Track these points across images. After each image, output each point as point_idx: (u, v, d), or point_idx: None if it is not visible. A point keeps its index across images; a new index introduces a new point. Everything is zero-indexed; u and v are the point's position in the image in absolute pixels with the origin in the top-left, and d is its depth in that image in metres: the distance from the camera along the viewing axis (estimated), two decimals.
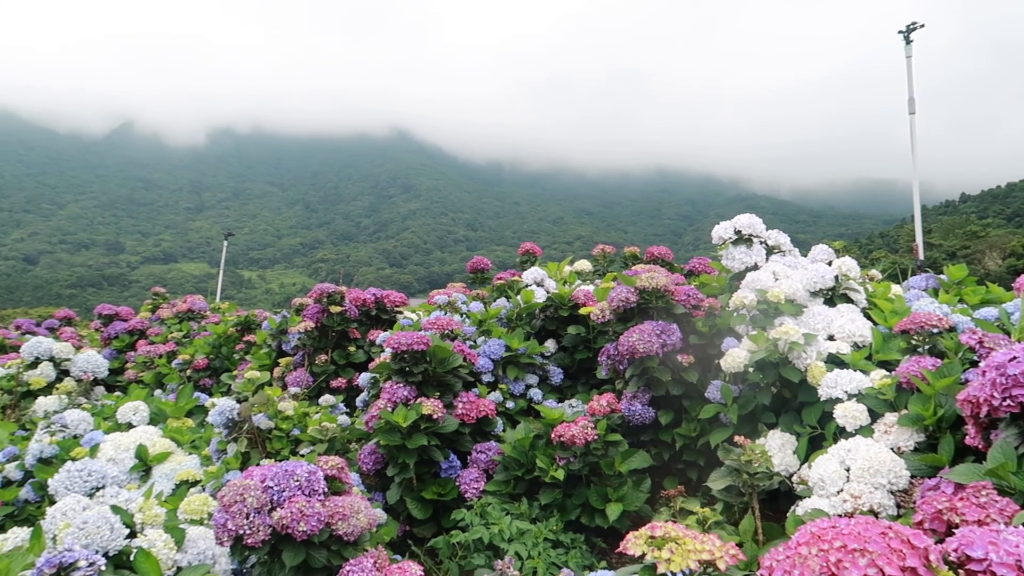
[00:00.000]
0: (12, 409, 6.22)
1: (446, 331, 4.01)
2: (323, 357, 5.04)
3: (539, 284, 4.80)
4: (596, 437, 3.32)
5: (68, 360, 6.78)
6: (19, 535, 3.06)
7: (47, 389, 6.50)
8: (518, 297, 4.57)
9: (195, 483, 4.01)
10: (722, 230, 4.08)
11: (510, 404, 4.06)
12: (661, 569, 1.33)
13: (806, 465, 2.84)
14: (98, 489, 3.52)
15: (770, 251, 4.10)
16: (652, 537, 1.41)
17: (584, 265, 5.25)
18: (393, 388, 3.66)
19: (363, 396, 4.42)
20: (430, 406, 3.49)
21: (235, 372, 6.11)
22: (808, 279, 3.70)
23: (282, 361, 5.08)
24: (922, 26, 16.59)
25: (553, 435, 3.38)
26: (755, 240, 4.02)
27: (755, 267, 3.95)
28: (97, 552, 2.41)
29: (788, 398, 3.25)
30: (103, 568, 1.94)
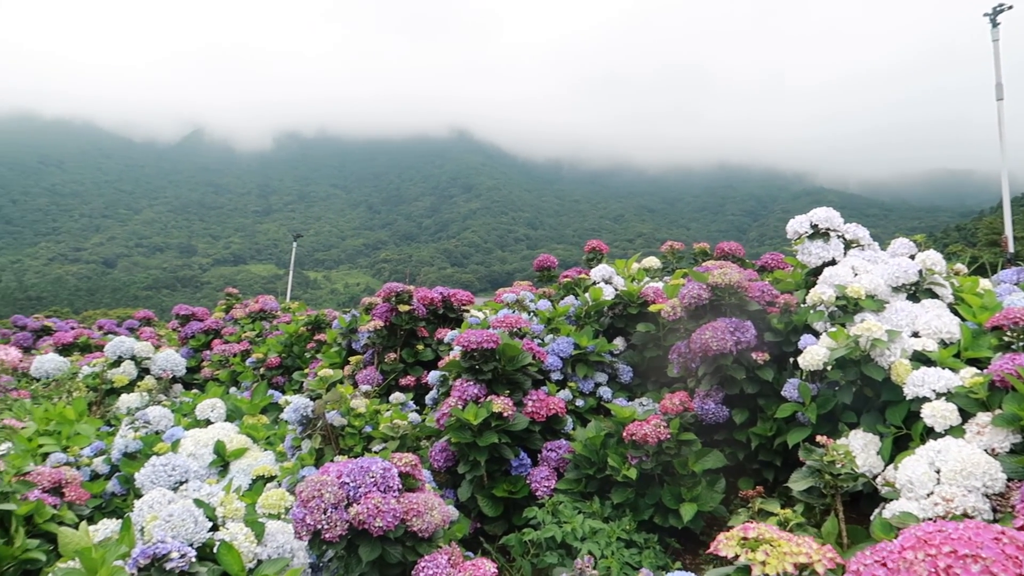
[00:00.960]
0: (97, 406, 6.48)
1: (515, 329, 4.01)
2: (392, 355, 5.10)
3: (607, 281, 4.76)
4: (669, 436, 3.27)
5: (148, 359, 7.03)
6: (108, 526, 3.18)
7: (129, 387, 6.76)
8: (586, 295, 4.54)
9: (271, 478, 4.10)
10: (798, 224, 3.97)
11: (579, 402, 4.03)
12: (756, 572, 1.29)
13: (891, 466, 2.74)
14: (181, 483, 3.64)
15: (848, 245, 3.97)
16: (745, 538, 1.38)
17: (652, 262, 5.18)
18: (463, 386, 3.68)
19: (432, 394, 4.45)
20: (500, 404, 3.49)
21: (306, 370, 6.25)
22: (890, 274, 3.57)
23: (352, 359, 5.17)
24: (1010, 7, 15.74)
25: (625, 434, 3.34)
26: (832, 234, 3.90)
27: (833, 262, 3.83)
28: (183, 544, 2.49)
29: (870, 397, 3.14)
30: (193, 559, 2.00)
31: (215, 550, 2.64)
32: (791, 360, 3.75)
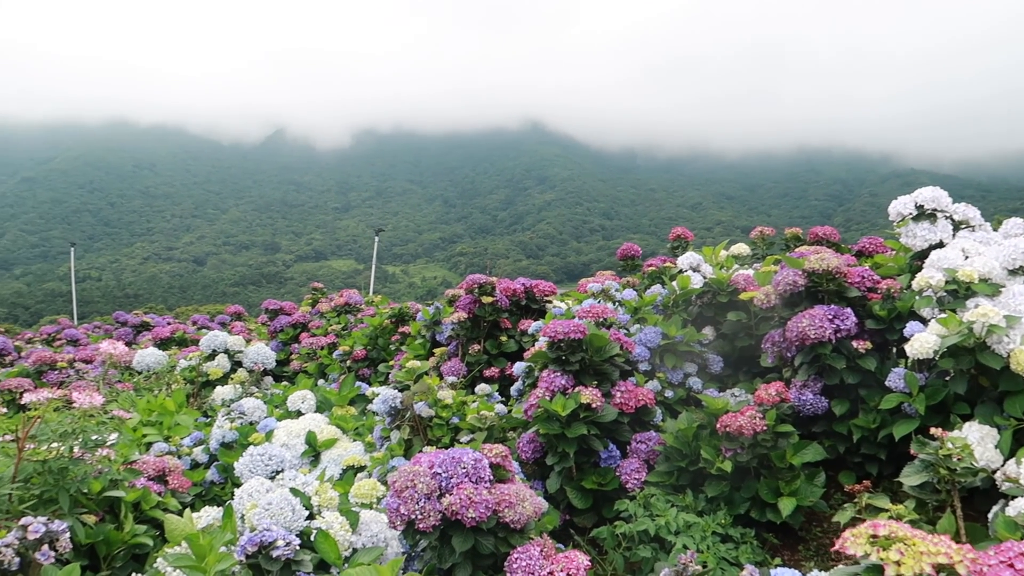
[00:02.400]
0: (194, 397, 6.73)
1: (601, 319, 3.95)
2: (476, 347, 5.11)
3: (695, 269, 4.64)
4: (765, 428, 3.16)
5: (240, 352, 7.27)
6: (210, 514, 3.28)
7: (223, 379, 7.00)
8: (673, 283, 4.44)
9: (360, 468, 4.17)
10: (901, 205, 3.77)
11: (669, 393, 3.94)
12: (890, 572, 1.21)
13: (1012, 461, 2.56)
14: (277, 472, 3.73)
15: (956, 227, 3.75)
16: (875, 536, 1.29)
17: (742, 249, 5.02)
18: (550, 377, 3.64)
19: (517, 385, 4.44)
20: (589, 395, 3.44)
21: (391, 362, 6.34)
22: (1005, 256, 3.34)
23: (437, 351, 5.20)
24: None
25: (718, 425, 3.25)
26: (939, 215, 3.68)
27: (940, 244, 3.62)
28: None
29: (986, 387, 2.95)
30: (297, 547, 2.03)
31: (312, 538, 2.68)
32: (895, 349, 3.57)
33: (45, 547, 2.32)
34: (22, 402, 3.30)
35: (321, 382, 6.73)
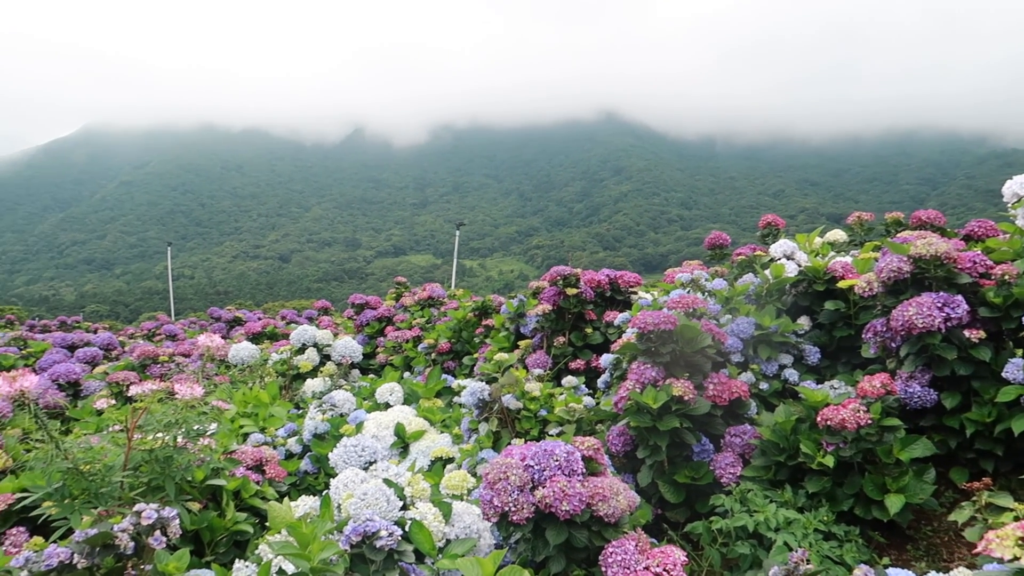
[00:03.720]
0: (286, 390, 6.93)
1: (691, 310, 3.85)
2: (561, 339, 5.07)
3: (789, 257, 4.47)
4: (870, 421, 3.01)
5: (329, 346, 7.44)
6: (307, 503, 3.35)
7: (313, 372, 7.18)
8: (766, 272, 4.29)
9: (449, 460, 4.20)
10: (1017, 185, 3.53)
11: (763, 385, 3.81)
12: None
13: None
14: (370, 463, 3.79)
15: None
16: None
17: (838, 235, 4.81)
18: (640, 369, 3.57)
19: (604, 377, 4.38)
20: (680, 387, 3.36)
21: (475, 355, 6.37)
22: None
23: (521, 343, 5.19)
24: None
25: (819, 419, 3.12)
26: None
27: None
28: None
29: None
30: (400, 537, 2.04)
31: (407, 528, 2.70)
32: (1011, 338, 3.35)
33: (157, 532, 2.40)
34: (129, 394, 3.44)
35: (407, 375, 6.82)
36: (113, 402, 5.02)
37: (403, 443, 4.61)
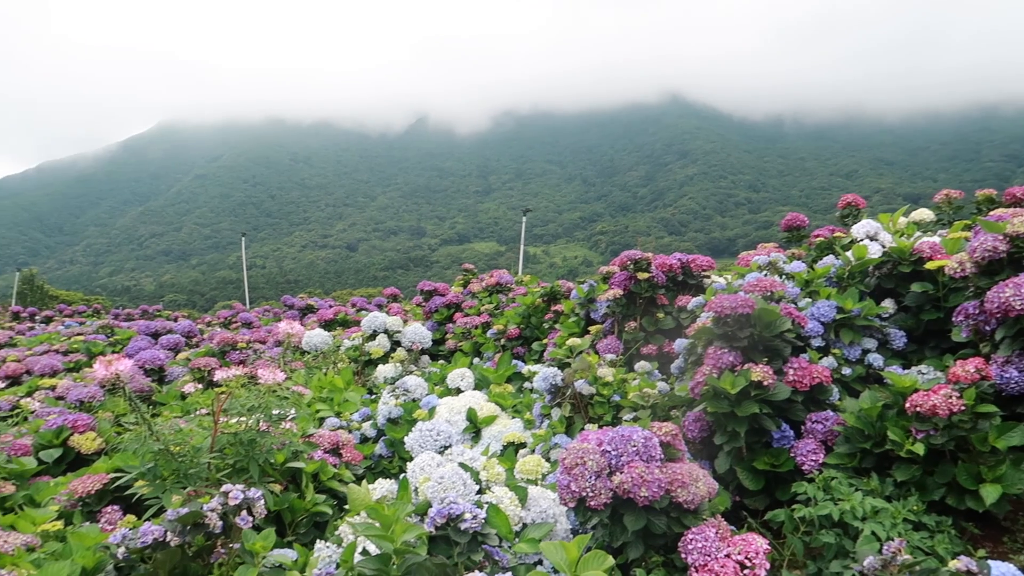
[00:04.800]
0: (358, 375, 7.06)
1: (769, 293, 3.75)
2: (632, 324, 5.02)
3: (871, 238, 4.31)
4: (963, 408, 2.88)
5: (399, 332, 7.54)
6: (384, 486, 3.41)
7: (384, 358, 7.29)
8: (847, 254, 4.14)
9: (521, 445, 4.21)
10: None
11: (846, 370, 3.69)
12: None
13: None
14: (445, 448, 3.83)
15: None
16: None
17: (924, 214, 4.60)
18: (717, 354, 3.50)
19: (678, 363, 4.31)
20: (760, 372, 3.28)
21: (545, 340, 6.36)
22: None
23: (592, 329, 5.15)
24: None
25: (907, 405, 3.00)
26: None
27: None
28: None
29: None
30: (483, 519, 2.05)
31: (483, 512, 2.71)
32: None
33: (244, 512, 2.47)
34: (214, 379, 3.55)
35: (476, 361, 6.86)
36: (199, 387, 5.20)
37: (475, 428, 4.64)
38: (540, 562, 2.84)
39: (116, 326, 10.73)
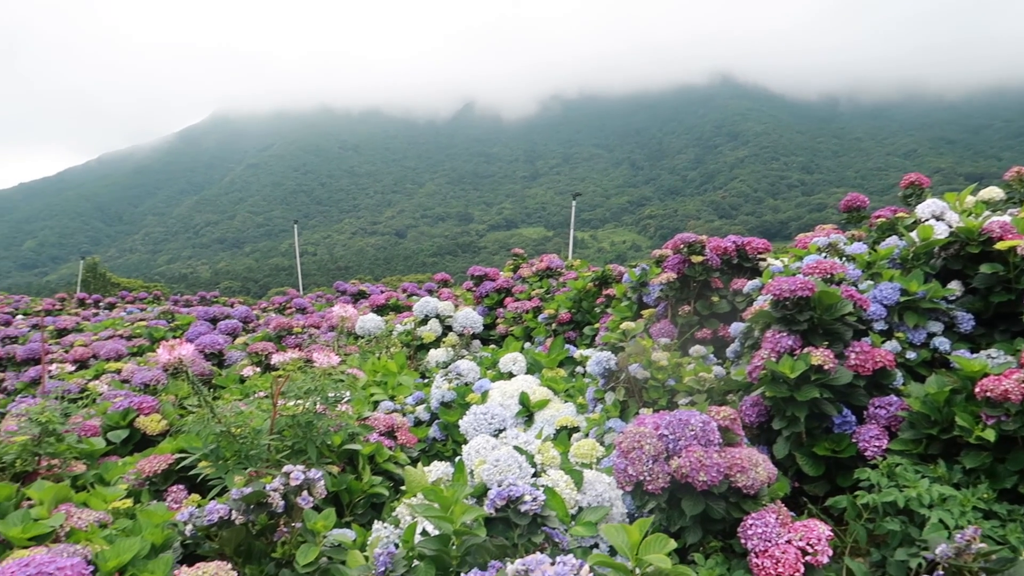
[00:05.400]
0: (411, 359, 7.13)
1: (829, 275, 3.66)
2: (686, 308, 4.95)
3: (937, 218, 4.15)
4: None
5: (450, 317, 7.59)
6: (439, 468, 3.44)
7: (435, 343, 7.35)
8: (912, 234, 4.01)
9: (574, 429, 4.20)
10: None
11: (910, 355, 3.58)
12: None
13: None
14: (499, 431, 3.85)
15: None
16: None
17: (993, 193, 4.42)
18: (776, 337, 3.43)
19: (734, 347, 4.25)
20: (820, 356, 3.21)
21: (596, 325, 6.33)
22: None
23: (645, 313, 5.11)
24: None
25: (977, 390, 2.90)
26: None
27: None
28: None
29: None
30: (543, 502, 2.05)
31: None
32: None
33: (305, 493, 2.52)
34: (272, 362, 3.62)
35: (527, 345, 6.87)
36: (257, 370, 5.32)
37: (527, 412, 4.65)
38: (596, 545, 2.84)
39: (176, 312, 11.04)
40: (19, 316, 14.03)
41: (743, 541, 2.50)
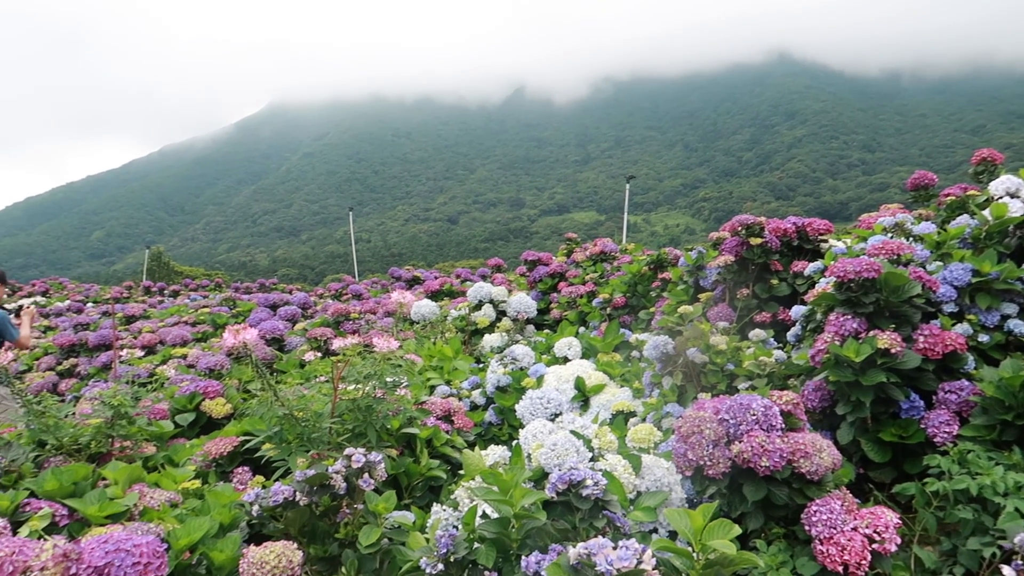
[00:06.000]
0: (465, 344, 7.17)
1: (896, 256, 3.54)
2: (744, 291, 4.86)
3: (1012, 195, 3.97)
4: None
5: (504, 302, 7.60)
6: (496, 452, 3.46)
7: (490, 328, 7.38)
8: (985, 213, 3.85)
9: (631, 414, 4.17)
10: None
11: (983, 338, 3.45)
12: None
13: None
14: (555, 415, 3.84)
15: None
16: None
17: None
18: (840, 320, 3.35)
19: (795, 330, 4.16)
20: (887, 339, 3.11)
21: (652, 309, 6.26)
22: None
23: (702, 296, 5.03)
24: None
25: None
26: None
27: None
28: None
29: None
30: (605, 486, 2.05)
31: None
32: None
33: (366, 475, 2.56)
34: (332, 347, 3.67)
35: (581, 330, 6.84)
36: (317, 355, 5.42)
37: (583, 397, 4.63)
38: (655, 530, 2.82)
39: (237, 299, 11.32)
40: (89, 304, 14.61)
41: (807, 528, 2.46)
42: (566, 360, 5.51)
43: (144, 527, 2.36)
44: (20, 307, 6.57)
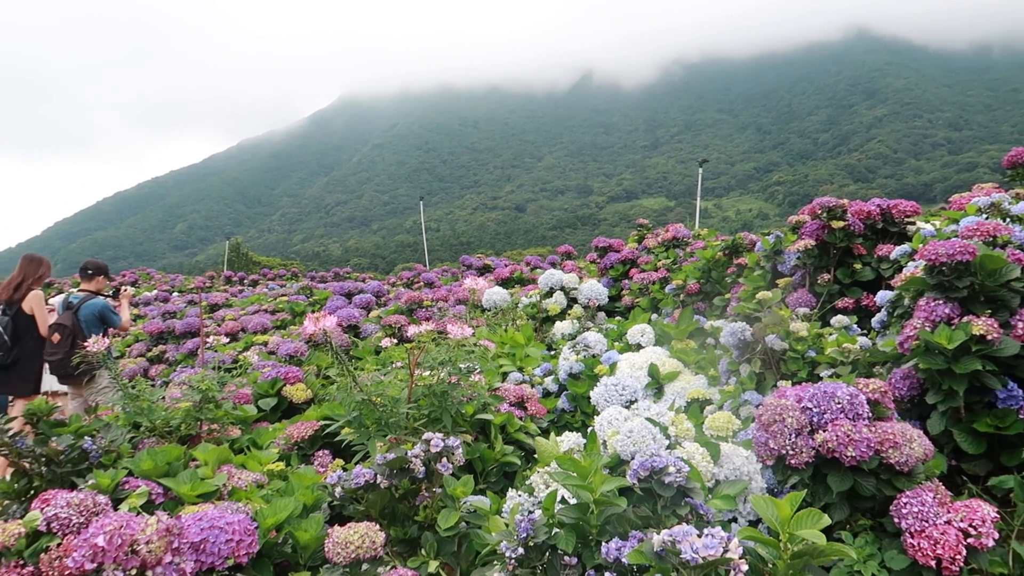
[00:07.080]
0: (537, 332, 7.18)
1: (991, 237, 3.37)
2: (825, 276, 4.71)
3: None
4: None
5: (575, 289, 7.57)
6: (570, 439, 3.45)
7: (561, 315, 7.36)
8: None
9: (706, 402, 4.09)
10: None
11: None
12: None
13: None
14: (630, 403, 3.81)
15: None
16: None
17: None
18: (931, 305, 3.20)
19: (880, 316, 4.00)
20: (983, 325, 2.96)
21: (727, 295, 6.14)
22: None
23: (780, 282, 4.90)
24: None
25: None
26: None
27: None
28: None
29: None
30: (687, 473, 2.02)
31: None
32: None
33: (444, 459, 2.59)
34: (407, 335, 3.73)
35: (654, 316, 6.76)
36: (393, 341, 5.51)
37: (657, 384, 4.58)
38: (735, 519, 2.77)
39: (314, 287, 11.62)
40: (175, 293, 15.23)
41: (896, 520, 2.37)
42: (639, 347, 5.45)
43: (234, 506, 2.44)
44: (118, 289, 6.89)
